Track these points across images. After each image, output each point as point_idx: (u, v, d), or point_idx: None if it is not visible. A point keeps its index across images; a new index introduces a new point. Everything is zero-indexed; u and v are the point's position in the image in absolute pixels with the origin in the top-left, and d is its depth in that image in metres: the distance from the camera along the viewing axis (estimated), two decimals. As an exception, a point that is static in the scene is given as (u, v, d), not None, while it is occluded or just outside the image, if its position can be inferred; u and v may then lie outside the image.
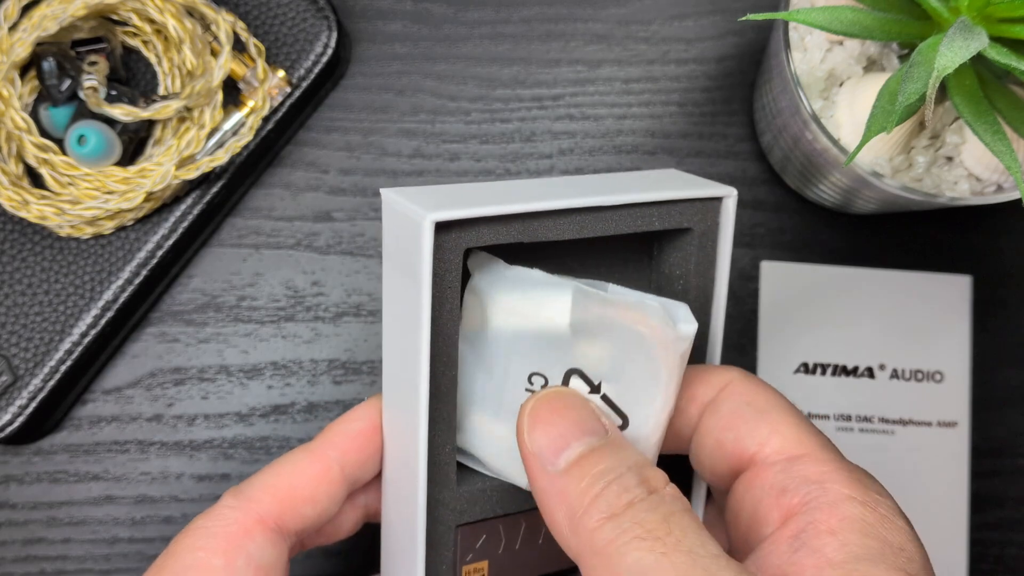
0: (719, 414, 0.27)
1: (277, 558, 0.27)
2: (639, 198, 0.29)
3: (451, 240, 0.27)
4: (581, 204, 0.28)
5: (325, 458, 0.28)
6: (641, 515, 0.22)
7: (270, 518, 0.27)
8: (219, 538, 0.26)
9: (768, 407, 0.26)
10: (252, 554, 0.27)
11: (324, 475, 0.28)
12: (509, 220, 0.27)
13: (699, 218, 0.30)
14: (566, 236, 0.28)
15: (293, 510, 0.28)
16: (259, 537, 0.27)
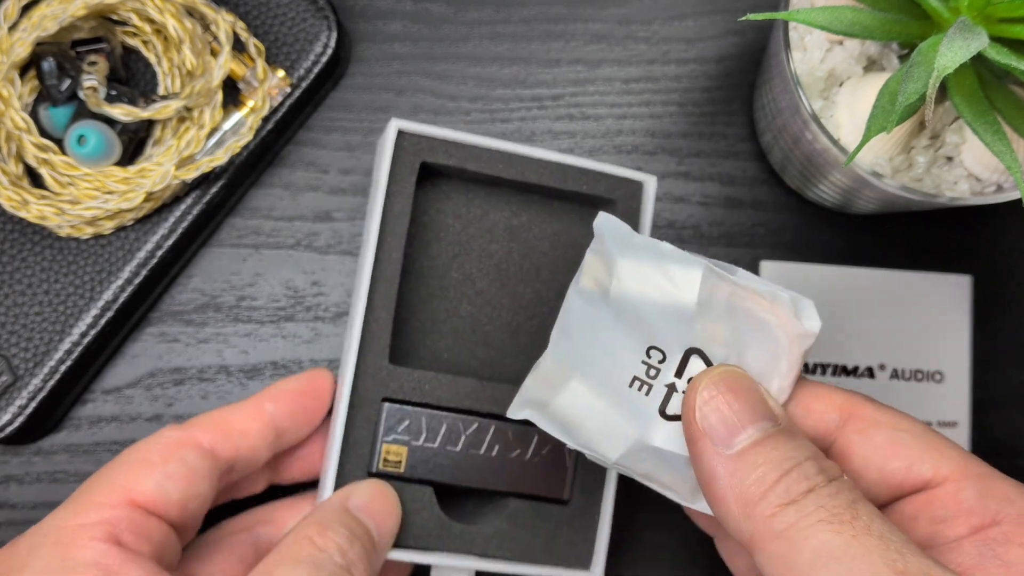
0: (873, 443, 0.27)
1: (205, 470, 0.30)
2: (571, 161, 0.36)
3: (410, 147, 0.36)
4: (521, 151, 0.36)
5: (259, 404, 0.32)
6: (824, 499, 0.23)
7: (206, 440, 0.31)
8: (159, 444, 0.30)
9: (922, 431, 0.27)
10: (186, 459, 0.30)
11: (256, 415, 0.32)
12: (463, 148, 0.36)
13: (623, 193, 0.36)
14: (504, 175, 0.36)
15: (226, 439, 0.31)
16: (193, 449, 0.30)
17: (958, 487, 0.26)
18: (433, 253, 0.37)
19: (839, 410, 0.27)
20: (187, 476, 0.30)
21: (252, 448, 0.32)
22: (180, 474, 0.30)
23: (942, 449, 0.26)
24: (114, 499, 0.29)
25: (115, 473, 0.30)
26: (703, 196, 0.42)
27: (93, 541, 0.28)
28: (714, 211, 0.42)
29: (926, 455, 0.26)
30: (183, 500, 0.30)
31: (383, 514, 0.30)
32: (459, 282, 0.37)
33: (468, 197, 0.38)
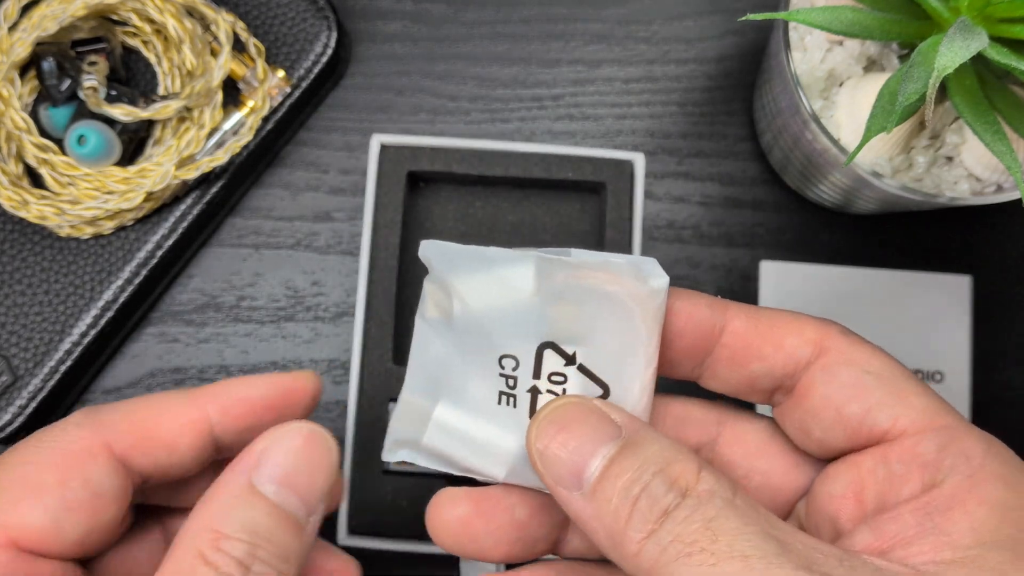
0: (837, 382, 0.24)
1: (117, 491, 0.24)
2: (555, 150, 0.38)
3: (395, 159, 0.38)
4: (502, 148, 0.38)
5: (202, 410, 0.25)
6: (679, 526, 0.20)
7: (119, 447, 0.24)
8: (56, 453, 0.23)
9: (890, 374, 0.24)
10: (90, 479, 0.23)
11: (193, 426, 0.25)
12: (445, 152, 0.38)
13: (612, 175, 0.38)
14: (493, 173, 0.38)
15: (146, 450, 0.24)
16: (103, 463, 0.24)
17: (917, 440, 0.23)
18: None
19: (812, 344, 0.25)
20: (90, 504, 0.23)
21: (177, 466, 0.25)
22: (81, 502, 0.23)
23: (908, 396, 0.24)
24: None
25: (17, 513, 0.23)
26: (703, 196, 0.42)
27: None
28: (714, 211, 0.42)
29: (888, 401, 0.24)
30: (84, 535, 0.23)
31: (308, 476, 0.23)
32: None
33: (467, 199, 0.39)
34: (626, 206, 0.38)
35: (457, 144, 0.38)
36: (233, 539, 0.22)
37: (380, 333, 0.37)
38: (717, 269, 0.41)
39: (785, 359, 0.25)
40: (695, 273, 0.41)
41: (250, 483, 0.23)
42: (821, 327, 0.25)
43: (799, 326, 0.25)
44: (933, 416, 0.23)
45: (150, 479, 0.25)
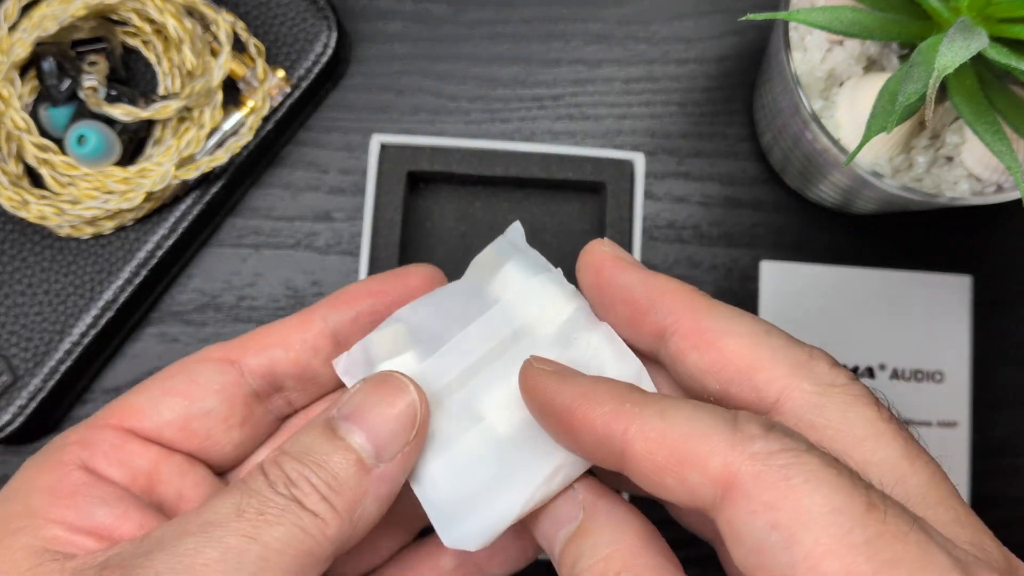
0: (744, 547, 0.20)
1: (219, 384, 0.26)
2: (555, 150, 0.38)
3: (395, 159, 0.38)
4: (501, 148, 0.38)
5: (310, 311, 0.28)
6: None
7: (233, 353, 0.27)
8: (181, 362, 0.27)
9: (798, 522, 0.19)
10: (193, 372, 0.27)
11: (302, 323, 0.27)
12: (445, 152, 0.38)
13: (612, 174, 0.38)
14: (493, 173, 0.38)
15: (258, 349, 0.27)
16: (210, 363, 0.27)
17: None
18: (439, 257, 0.38)
19: (715, 483, 0.20)
20: (187, 391, 0.26)
21: (296, 362, 0.27)
22: (176, 389, 0.26)
23: (818, 565, 0.18)
24: (101, 421, 0.26)
25: (124, 395, 0.27)
26: (703, 196, 0.42)
27: (62, 466, 0.25)
28: (714, 211, 0.42)
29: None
30: (181, 419, 0.26)
31: (378, 416, 0.24)
32: None
33: (467, 199, 0.39)
34: (626, 206, 0.38)
35: (457, 144, 0.38)
36: (289, 456, 0.23)
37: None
38: (717, 269, 0.41)
39: (691, 497, 0.20)
40: (695, 273, 0.41)
41: (327, 417, 0.24)
42: (730, 454, 0.20)
43: (705, 454, 0.20)
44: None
45: (281, 383, 0.27)
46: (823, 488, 0.19)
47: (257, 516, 0.22)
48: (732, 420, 0.20)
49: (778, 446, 0.19)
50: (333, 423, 0.24)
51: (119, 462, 0.25)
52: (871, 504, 0.19)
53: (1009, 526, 0.41)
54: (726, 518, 0.20)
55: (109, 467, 0.25)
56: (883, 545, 0.18)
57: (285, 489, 0.22)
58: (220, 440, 0.27)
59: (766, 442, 0.19)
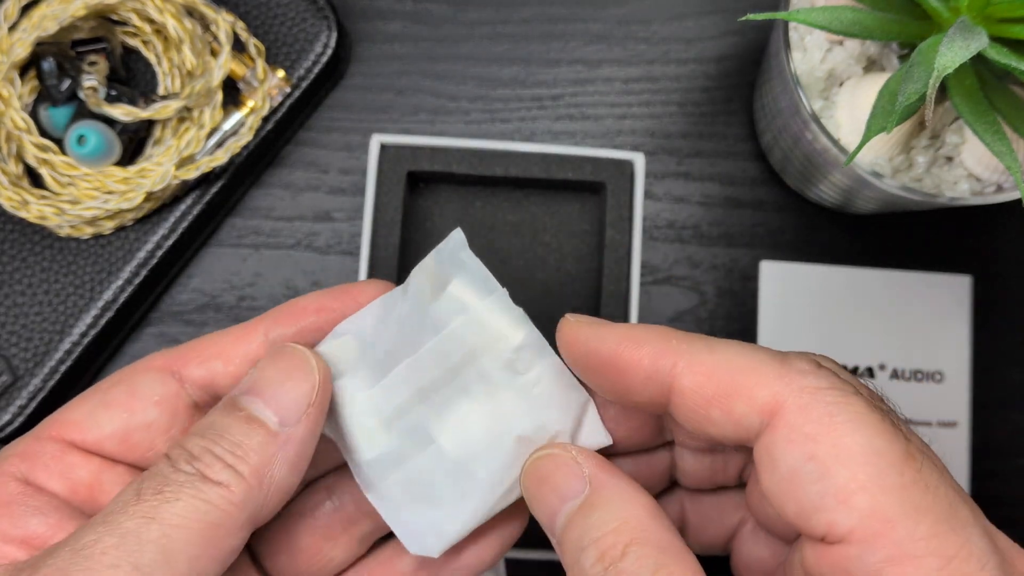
0: (777, 473, 0.20)
1: (159, 395, 0.26)
2: (554, 150, 0.38)
3: (394, 159, 0.38)
4: (501, 148, 0.38)
5: (252, 325, 0.27)
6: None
7: (173, 363, 0.26)
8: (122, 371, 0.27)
9: (837, 460, 0.20)
10: (132, 382, 0.26)
11: (241, 336, 0.27)
12: (444, 153, 0.38)
13: (611, 174, 0.38)
14: (493, 173, 0.38)
15: (199, 360, 0.26)
16: (152, 373, 0.26)
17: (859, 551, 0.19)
18: None
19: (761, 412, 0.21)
20: (126, 403, 0.26)
21: (236, 375, 0.26)
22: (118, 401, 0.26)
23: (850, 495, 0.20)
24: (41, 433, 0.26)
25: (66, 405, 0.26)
26: (703, 196, 0.42)
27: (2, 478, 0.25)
28: (714, 211, 0.42)
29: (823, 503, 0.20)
30: (120, 431, 0.26)
31: (276, 384, 0.24)
32: None
33: (467, 199, 0.39)
34: (626, 206, 0.38)
35: (457, 144, 0.38)
36: (192, 435, 0.23)
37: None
38: (717, 269, 0.41)
39: (735, 428, 0.21)
40: (695, 273, 0.41)
41: (229, 397, 0.24)
42: (778, 385, 0.20)
43: (752, 385, 0.21)
44: (877, 522, 0.19)
45: (220, 391, 0.27)
46: (865, 429, 0.19)
47: (155, 495, 0.22)
48: (782, 356, 0.21)
49: (827, 383, 0.20)
50: (234, 399, 0.24)
51: (59, 474, 0.25)
52: (909, 453, 0.19)
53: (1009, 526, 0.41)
54: (765, 445, 0.20)
55: (49, 479, 0.25)
56: (915, 492, 0.19)
57: (187, 465, 0.22)
58: (161, 451, 0.26)
59: (816, 378, 0.20)
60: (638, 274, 0.38)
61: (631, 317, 0.38)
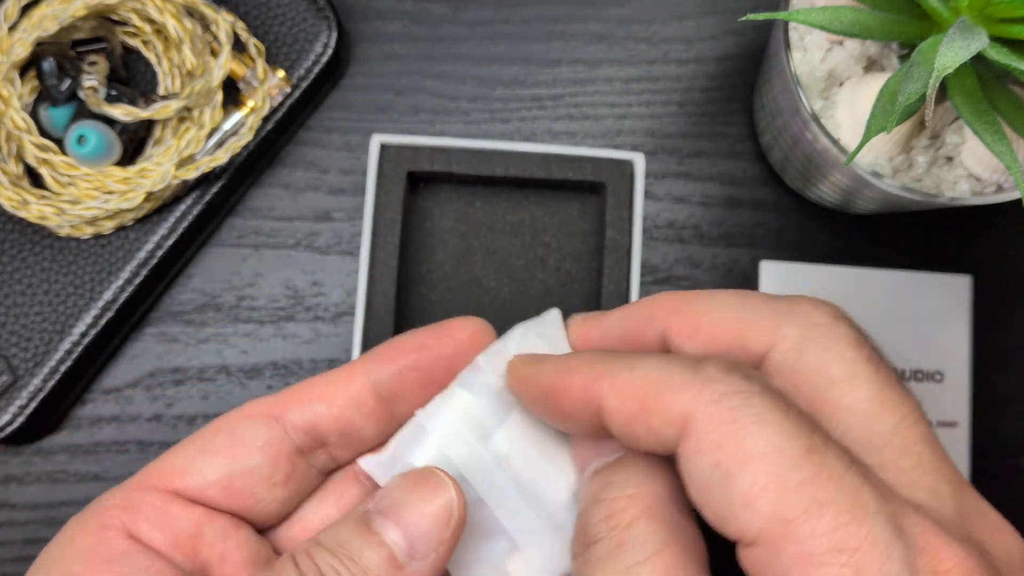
0: (691, 482, 0.21)
1: (263, 441, 0.26)
2: (555, 150, 0.38)
3: (395, 159, 0.38)
4: (501, 148, 0.38)
5: (353, 366, 0.27)
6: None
7: (277, 409, 0.26)
8: (219, 421, 0.26)
9: (739, 462, 0.19)
10: (235, 430, 0.26)
11: (345, 378, 0.27)
12: (445, 152, 0.38)
13: (612, 174, 0.38)
14: (493, 173, 0.38)
15: (300, 404, 0.26)
16: (254, 419, 0.26)
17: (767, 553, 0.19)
18: (439, 258, 0.38)
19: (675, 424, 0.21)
20: (229, 450, 0.26)
21: (340, 417, 0.26)
22: (220, 447, 0.26)
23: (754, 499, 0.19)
24: (142, 482, 0.25)
25: (165, 454, 0.26)
26: (703, 196, 0.42)
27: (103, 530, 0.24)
28: (714, 211, 0.42)
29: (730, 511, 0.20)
30: (224, 478, 0.25)
31: (416, 513, 0.23)
32: (467, 283, 0.38)
33: (467, 199, 0.39)
34: (626, 206, 0.38)
35: (457, 144, 0.38)
36: (322, 547, 0.23)
37: (380, 333, 0.37)
38: (717, 269, 0.41)
39: (659, 442, 0.21)
40: (695, 273, 0.41)
41: (364, 511, 0.24)
42: (687, 396, 0.20)
43: (665, 399, 0.21)
44: (780, 523, 0.19)
45: (324, 438, 0.27)
46: (766, 430, 0.19)
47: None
48: (695, 365, 0.21)
49: (731, 388, 0.20)
50: (368, 517, 0.24)
51: (161, 525, 0.25)
52: (811, 447, 0.19)
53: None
54: (681, 456, 0.20)
55: (151, 531, 0.25)
56: (816, 487, 0.19)
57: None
58: (264, 498, 0.26)
59: (723, 383, 0.20)
60: (638, 274, 0.38)
61: None
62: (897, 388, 0.21)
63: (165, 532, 0.25)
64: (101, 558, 0.24)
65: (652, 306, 0.24)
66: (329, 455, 0.27)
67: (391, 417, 0.27)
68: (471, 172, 0.38)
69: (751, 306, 0.23)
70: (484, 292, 0.39)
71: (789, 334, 0.22)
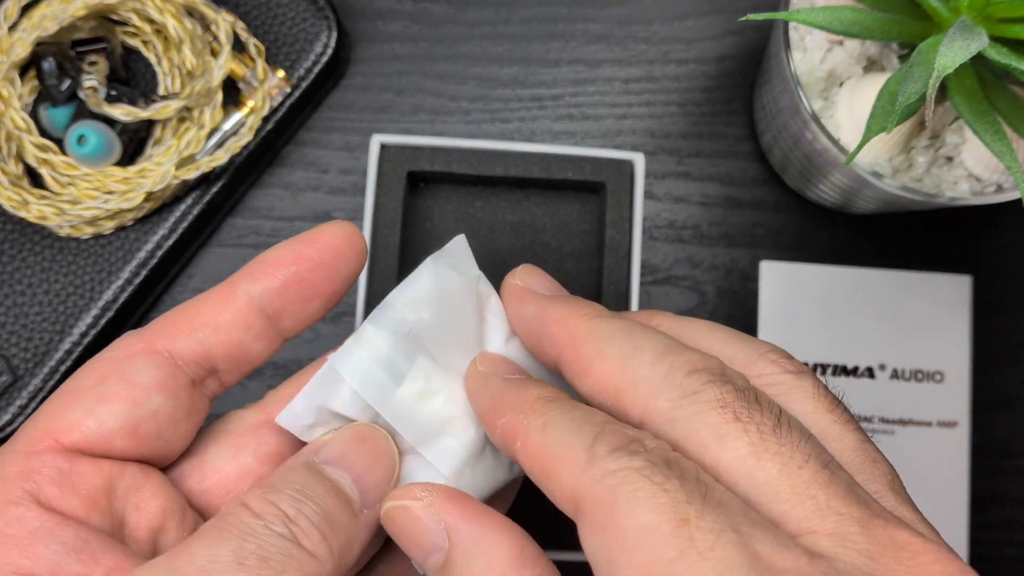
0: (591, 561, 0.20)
1: (158, 380, 0.24)
2: (555, 150, 0.38)
3: (395, 159, 0.38)
4: (501, 148, 0.38)
5: (233, 286, 0.25)
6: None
7: (160, 343, 0.24)
8: (100, 363, 0.24)
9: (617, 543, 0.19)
10: (126, 371, 0.24)
11: (228, 300, 0.25)
12: (445, 153, 0.38)
13: (611, 174, 0.38)
14: (493, 173, 0.38)
15: (188, 335, 0.24)
16: (140, 358, 0.24)
17: None
18: None
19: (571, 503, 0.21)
20: (127, 395, 0.23)
21: (229, 342, 0.25)
22: (116, 394, 0.23)
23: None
24: (34, 442, 0.23)
25: (43, 411, 0.24)
26: (703, 196, 0.42)
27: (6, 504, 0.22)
28: (714, 211, 0.42)
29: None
30: (129, 425, 0.23)
31: (364, 463, 0.24)
32: None
33: (467, 199, 0.39)
34: (626, 206, 0.38)
35: (457, 144, 0.38)
36: (282, 492, 0.22)
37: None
38: (717, 269, 0.41)
39: (564, 510, 0.21)
40: (695, 273, 0.41)
41: (308, 462, 0.23)
42: (577, 473, 0.20)
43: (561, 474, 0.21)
44: None
45: (215, 365, 0.25)
46: (640, 508, 0.19)
47: (260, 563, 0.20)
48: (591, 438, 0.21)
49: (615, 466, 0.20)
50: (316, 465, 0.23)
51: (71, 489, 0.23)
52: (683, 520, 0.19)
53: (1009, 526, 0.41)
54: (579, 532, 0.20)
55: (64, 497, 0.22)
56: (685, 564, 0.18)
57: (283, 527, 0.21)
58: (170, 439, 0.25)
59: (611, 460, 0.20)
60: (638, 274, 0.38)
61: None
62: (774, 436, 0.20)
63: (77, 495, 0.23)
64: (17, 539, 0.22)
65: (557, 326, 0.24)
66: (219, 381, 0.26)
67: (277, 334, 0.26)
68: (471, 172, 0.38)
69: (633, 368, 0.22)
70: None
71: (659, 406, 0.21)
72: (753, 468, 0.20)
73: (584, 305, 0.24)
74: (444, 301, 0.25)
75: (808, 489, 0.19)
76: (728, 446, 0.20)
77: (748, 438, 0.20)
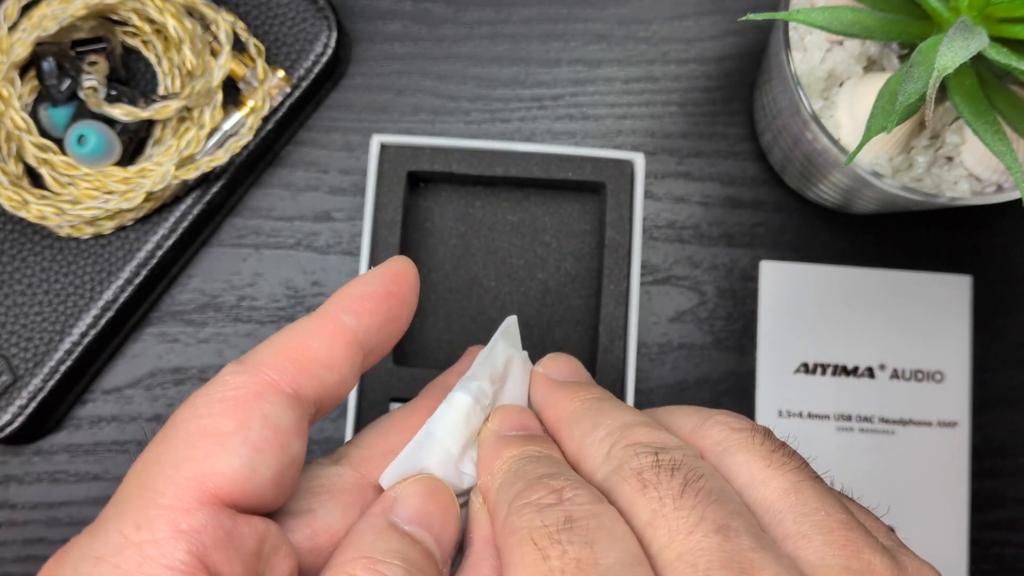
0: None
1: (295, 424, 0.22)
2: (555, 150, 0.38)
3: (395, 159, 0.38)
4: (501, 148, 0.38)
5: (338, 320, 0.24)
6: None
7: (284, 381, 0.22)
8: (227, 402, 0.21)
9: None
10: (268, 415, 0.21)
11: (339, 337, 0.23)
12: (445, 153, 0.38)
13: (611, 175, 0.38)
14: (493, 173, 0.38)
15: (310, 374, 0.23)
16: (274, 399, 0.22)
17: None
18: (439, 258, 0.39)
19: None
20: (276, 441, 0.21)
21: (340, 382, 0.23)
22: (267, 440, 0.21)
23: None
24: (188, 496, 0.20)
25: (180, 454, 0.20)
26: (703, 196, 0.42)
27: (170, 571, 0.19)
28: (714, 211, 0.42)
29: None
30: (277, 475, 0.21)
31: (441, 520, 0.23)
32: (467, 283, 0.38)
33: (467, 199, 0.39)
34: (626, 206, 0.38)
35: (457, 144, 0.38)
36: (389, 563, 0.21)
37: None
38: (717, 269, 0.41)
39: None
40: (695, 273, 0.41)
41: (390, 521, 0.23)
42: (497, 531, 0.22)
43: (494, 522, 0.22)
44: None
45: (321, 404, 0.24)
46: (519, 571, 0.20)
47: None
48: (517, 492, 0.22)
49: (517, 523, 0.21)
50: (399, 526, 0.23)
51: (235, 552, 0.20)
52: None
53: (1009, 526, 0.41)
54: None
55: (228, 563, 0.20)
56: None
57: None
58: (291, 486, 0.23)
59: (512, 518, 0.21)
60: (638, 274, 0.38)
61: (631, 317, 0.38)
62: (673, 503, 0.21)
63: (241, 560, 0.20)
64: None
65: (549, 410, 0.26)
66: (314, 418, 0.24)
67: (363, 368, 0.25)
68: (471, 172, 0.38)
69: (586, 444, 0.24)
70: (484, 292, 0.39)
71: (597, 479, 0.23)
72: (650, 535, 0.20)
73: (578, 390, 0.26)
74: (510, 376, 0.27)
75: (691, 556, 0.20)
76: (635, 513, 0.21)
77: (650, 505, 0.21)
